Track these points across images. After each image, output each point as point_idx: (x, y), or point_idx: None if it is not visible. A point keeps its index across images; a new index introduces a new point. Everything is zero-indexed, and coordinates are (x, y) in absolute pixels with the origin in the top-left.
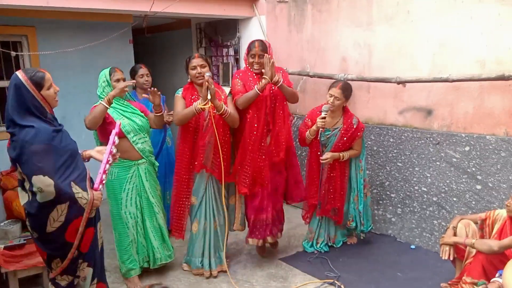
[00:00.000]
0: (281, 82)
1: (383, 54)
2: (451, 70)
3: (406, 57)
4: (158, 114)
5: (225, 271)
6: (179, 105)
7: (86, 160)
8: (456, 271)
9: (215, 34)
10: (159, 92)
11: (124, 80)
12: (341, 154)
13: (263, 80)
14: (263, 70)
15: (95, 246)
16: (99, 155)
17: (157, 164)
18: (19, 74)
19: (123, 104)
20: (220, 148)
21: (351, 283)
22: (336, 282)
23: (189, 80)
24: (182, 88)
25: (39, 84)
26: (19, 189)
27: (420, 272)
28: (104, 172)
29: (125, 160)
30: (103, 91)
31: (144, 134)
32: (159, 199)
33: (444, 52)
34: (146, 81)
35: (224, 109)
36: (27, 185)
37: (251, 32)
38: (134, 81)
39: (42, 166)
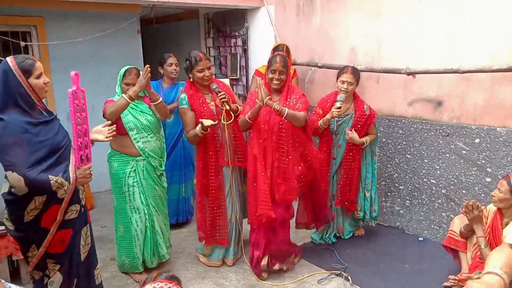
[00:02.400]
0: (283, 112)
1: (393, 44)
2: (462, 61)
3: (416, 48)
4: (155, 103)
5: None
6: (188, 119)
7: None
8: (462, 263)
9: (223, 24)
10: (149, 73)
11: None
12: (364, 140)
13: (256, 106)
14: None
15: (71, 250)
16: (95, 135)
17: (160, 168)
18: (9, 59)
19: (134, 102)
20: (234, 144)
21: (358, 274)
22: (343, 273)
23: (190, 79)
24: (185, 96)
25: (27, 71)
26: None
27: (428, 264)
28: (81, 141)
29: (123, 155)
30: (116, 88)
31: (148, 134)
32: (157, 200)
33: (454, 43)
34: (174, 70)
35: (238, 112)
36: None
37: (260, 22)
38: (148, 73)
39: (11, 160)
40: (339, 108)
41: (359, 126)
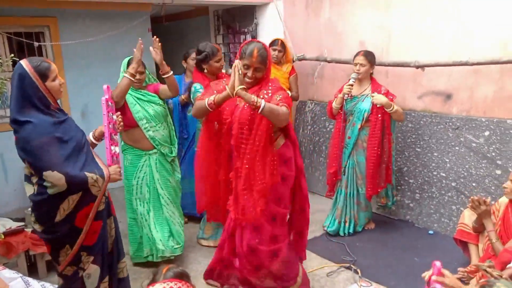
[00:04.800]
0: (260, 105)
1: (402, 37)
2: (471, 54)
3: (425, 41)
4: (165, 76)
5: None
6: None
7: (101, 140)
8: (471, 256)
9: (232, 21)
10: (159, 45)
11: (141, 73)
12: (393, 104)
13: (223, 93)
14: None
15: (102, 242)
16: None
17: (170, 155)
18: (24, 63)
19: (139, 92)
20: None
21: (367, 267)
22: (352, 266)
23: (203, 71)
24: (201, 86)
25: (44, 74)
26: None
27: (438, 257)
28: (112, 143)
29: (136, 149)
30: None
31: (156, 123)
32: (171, 191)
33: (463, 35)
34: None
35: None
36: (34, 179)
37: (269, 18)
38: (141, 45)
39: (49, 160)
40: (351, 85)
41: (377, 105)
